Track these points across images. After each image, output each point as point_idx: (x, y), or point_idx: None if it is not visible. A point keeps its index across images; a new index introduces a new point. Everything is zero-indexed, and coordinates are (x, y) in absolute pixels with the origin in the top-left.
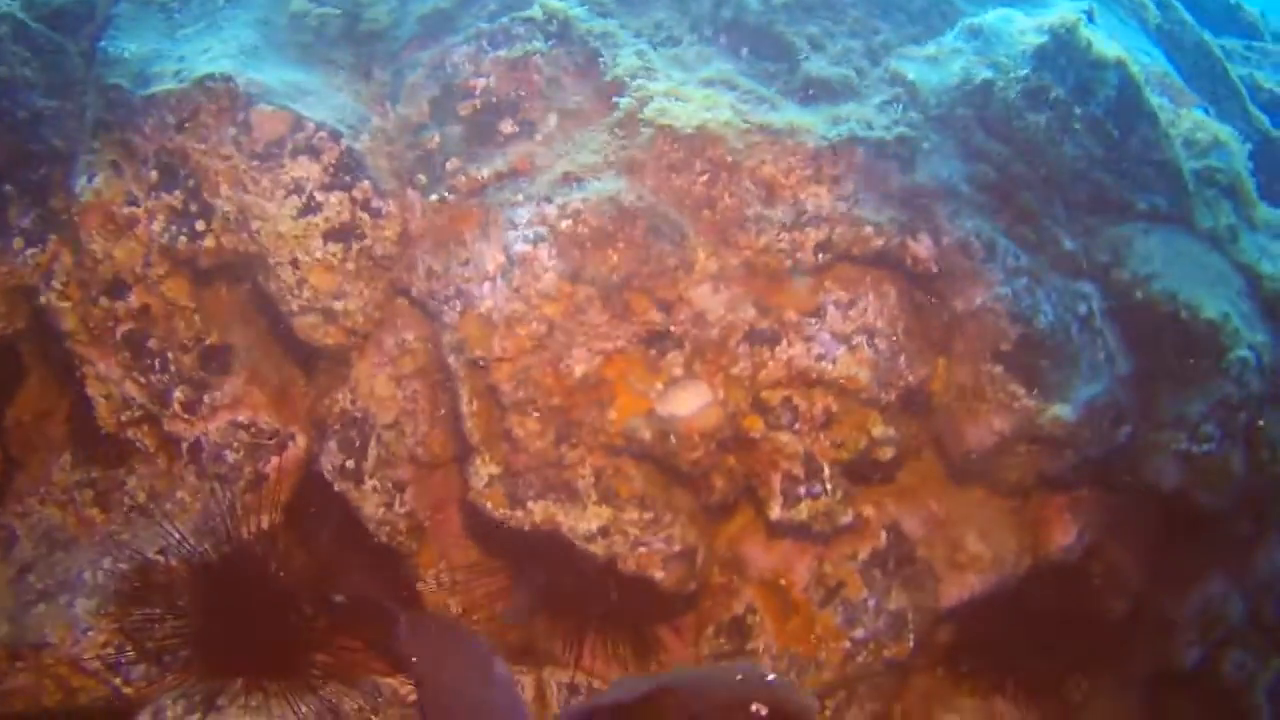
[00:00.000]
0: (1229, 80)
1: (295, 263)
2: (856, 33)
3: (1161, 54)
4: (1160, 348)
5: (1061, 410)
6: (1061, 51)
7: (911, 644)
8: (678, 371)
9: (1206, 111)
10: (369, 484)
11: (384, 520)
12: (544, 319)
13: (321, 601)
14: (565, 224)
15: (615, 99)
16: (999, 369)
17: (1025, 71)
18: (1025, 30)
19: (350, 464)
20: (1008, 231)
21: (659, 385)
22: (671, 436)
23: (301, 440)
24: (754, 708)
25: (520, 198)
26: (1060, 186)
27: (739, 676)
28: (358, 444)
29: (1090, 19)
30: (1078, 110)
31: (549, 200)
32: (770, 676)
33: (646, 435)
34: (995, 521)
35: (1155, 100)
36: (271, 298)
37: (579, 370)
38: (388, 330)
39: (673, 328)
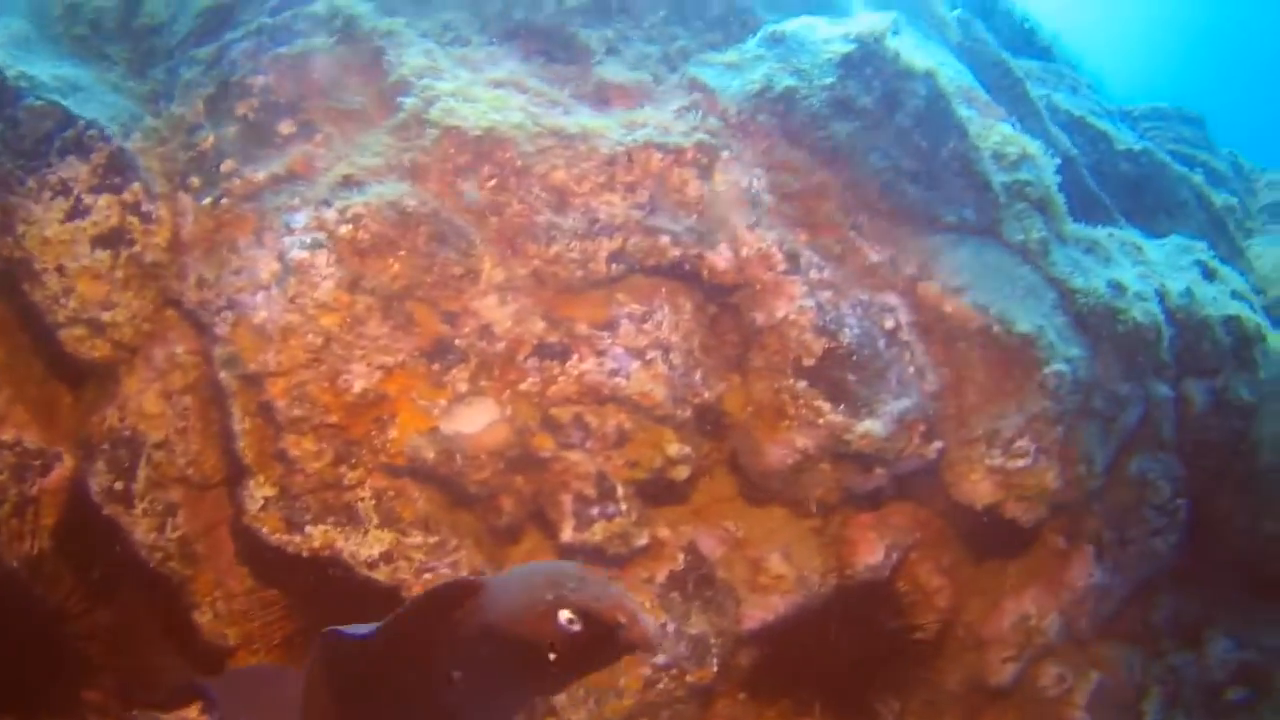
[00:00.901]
0: (1029, 100)
1: (61, 270)
2: (653, 38)
3: (967, 69)
4: (971, 361)
5: (872, 426)
6: (868, 60)
7: (714, 668)
8: (463, 387)
9: (1014, 126)
10: (139, 507)
11: (155, 545)
12: (321, 331)
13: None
14: (344, 229)
15: (400, 99)
16: (802, 384)
17: (830, 80)
18: (830, 39)
19: (119, 485)
20: (811, 243)
21: (443, 401)
22: (457, 456)
23: (69, 461)
24: (562, 616)
25: (297, 201)
26: (866, 197)
27: (545, 578)
28: (127, 464)
29: (896, 30)
30: (885, 120)
31: (327, 204)
32: (583, 577)
33: (430, 455)
34: (798, 541)
35: (964, 112)
36: (37, 308)
37: (358, 385)
38: (158, 343)
39: (458, 341)
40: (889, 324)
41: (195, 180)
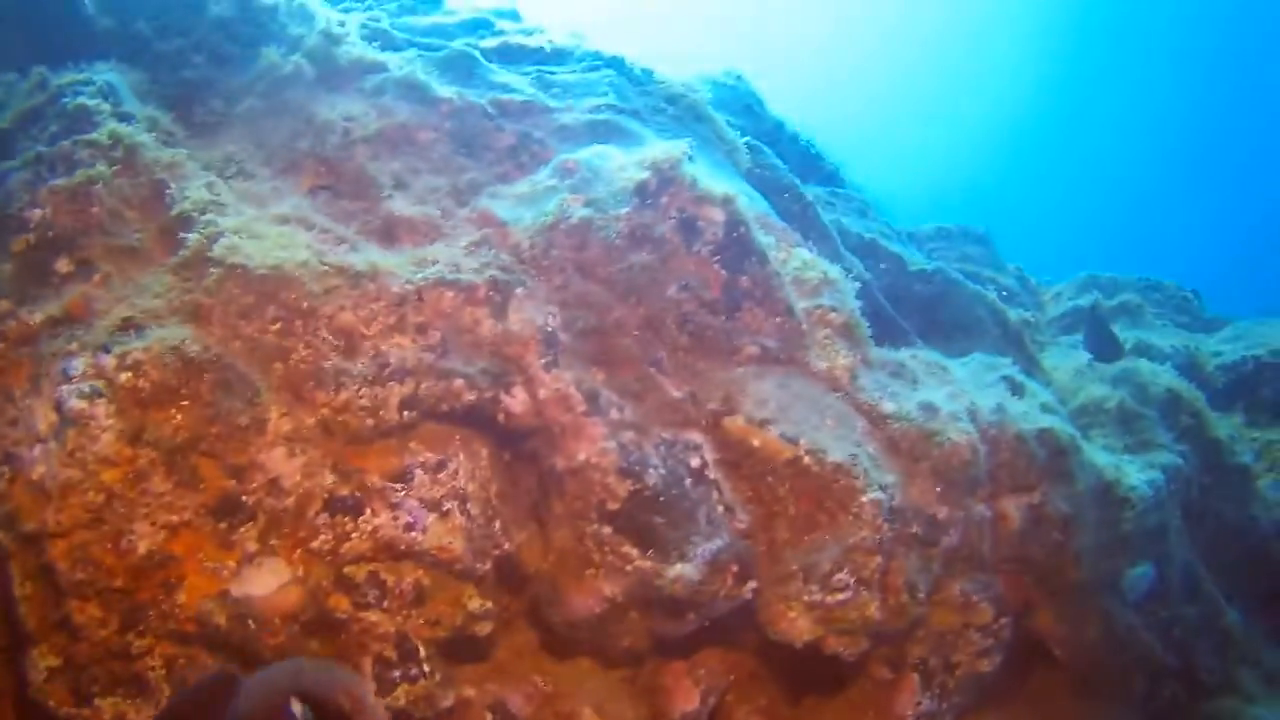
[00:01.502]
0: (822, 224)
1: None
2: (441, 170)
3: (759, 196)
4: (781, 495)
5: (684, 570)
6: (665, 187)
7: None
8: (252, 546)
9: (810, 251)
10: None
11: None
12: (102, 487)
13: None
14: (124, 377)
15: (182, 235)
16: (608, 530)
17: (626, 209)
18: (625, 166)
19: None
20: (610, 381)
21: (232, 563)
22: (249, 620)
23: None
24: (294, 706)
25: (75, 346)
26: (665, 330)
27: (287, 672)
28: None
29: (691, 157)
30: (683, 249)
31: (106, 350)
32: (326, 669)
33: (221, 620)
34: (610, 692)
35: (763, 239)
36: None
37: (143, 546)
38: None
39: (245, 497)
40: (695, 462)
41: None
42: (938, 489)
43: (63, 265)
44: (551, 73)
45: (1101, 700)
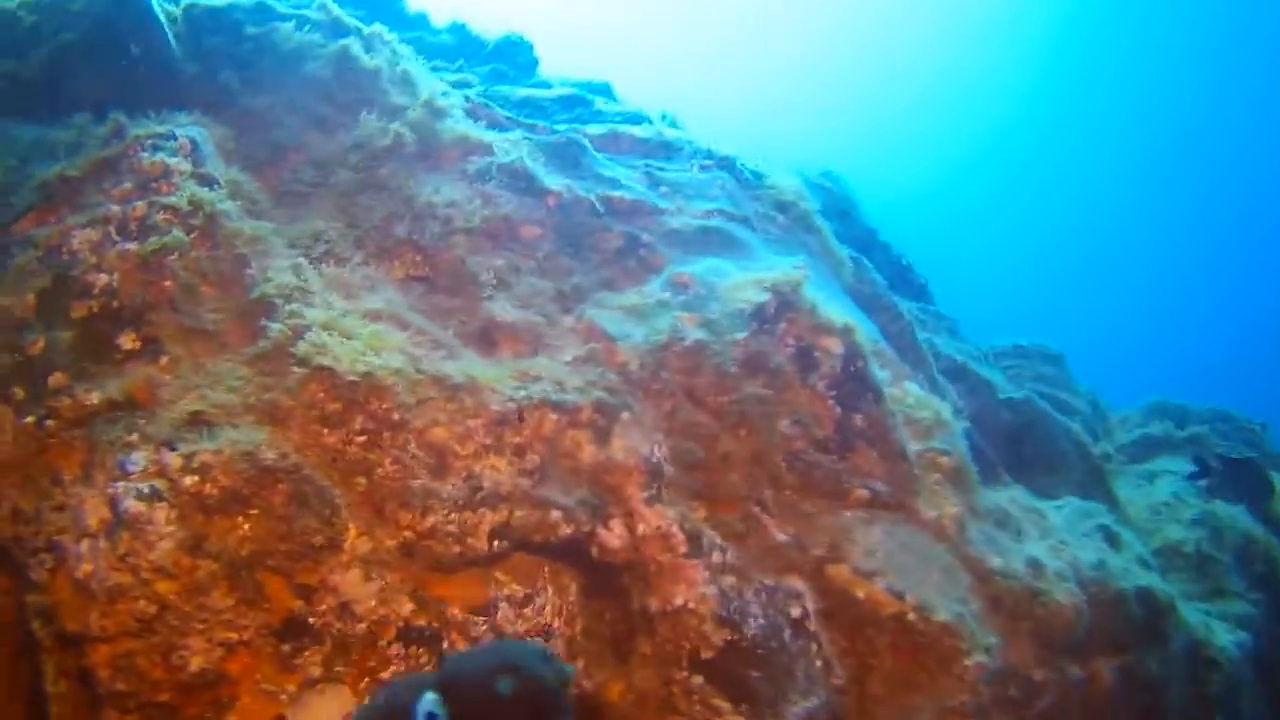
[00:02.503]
0: (918, 348)
1: None
2: (546, 271)
3: (864, 317)
4: (879, 650)
5: None
6: (783, 313)
7: None
8: (315, 672)
9: (920, 385)
10: None
11: None
12: (155, 598)
13: None
14: (189, 480)
15: (264, 323)
16: (698, 679)
17: (742, 335)
18: (742, 286)
19: None
20: (712, 519)
21: (292, 688)
22: None
23: None
24: (499, 684)
25: (135, 438)
26: (773, 468)
27: (489, 654)
28: None
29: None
30: (798, 381)
31: (171, 447)
32: (519, 647)
33: None
34: None
35: (880, 374)
36: None
37: (195, 663)
38: None
39: (312, 619)
40: (796, 612)
41: (18, 391)
42: (1037, 650)
43: (127, 341)
44: (660, 169)
45: None
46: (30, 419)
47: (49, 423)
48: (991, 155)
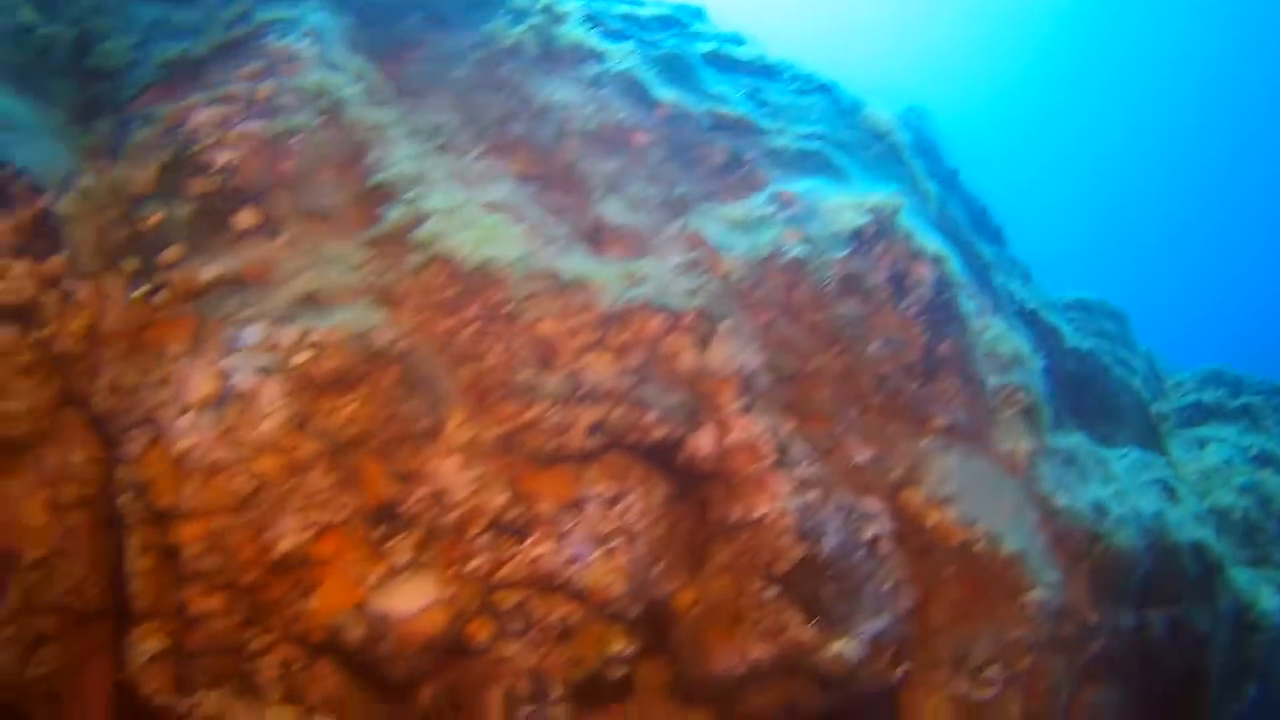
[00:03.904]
0: (994, 288)
1: None
2: (654, 178)
3: (952, 249)
4: (944, 578)
5: (844, 647)
6: (881, 237)
7: None
8: (403, 559)
9: (1004, 322)
10: (5, 633)
11: (15, 681)
12: (254, 474)
13: None
14: (301, 357)
15: (382, 209)
16: (772, 591)
17: (842, 254)
18: (842, 207)
19: None
20: (799, 432)
21: (378, 574)
22: (385, 640)
23: None
24: None
25: (249, 313)
26: (861, 388)
27: None
28: None
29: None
30: (890, 305)
31: (285, 324)
32: None
33: (355, 634)
34: None
35: (967, 306)
36: None
37: (285, 544)
38: (52, 445)
39: (406, 505)
40: (870, 533)
41: (131, 262)
42: (1094, 593)
43: (244, 219)
44: (762, 90)
45: None
46: (142, 290)
47: (159, 295)
48: (1037, 75)
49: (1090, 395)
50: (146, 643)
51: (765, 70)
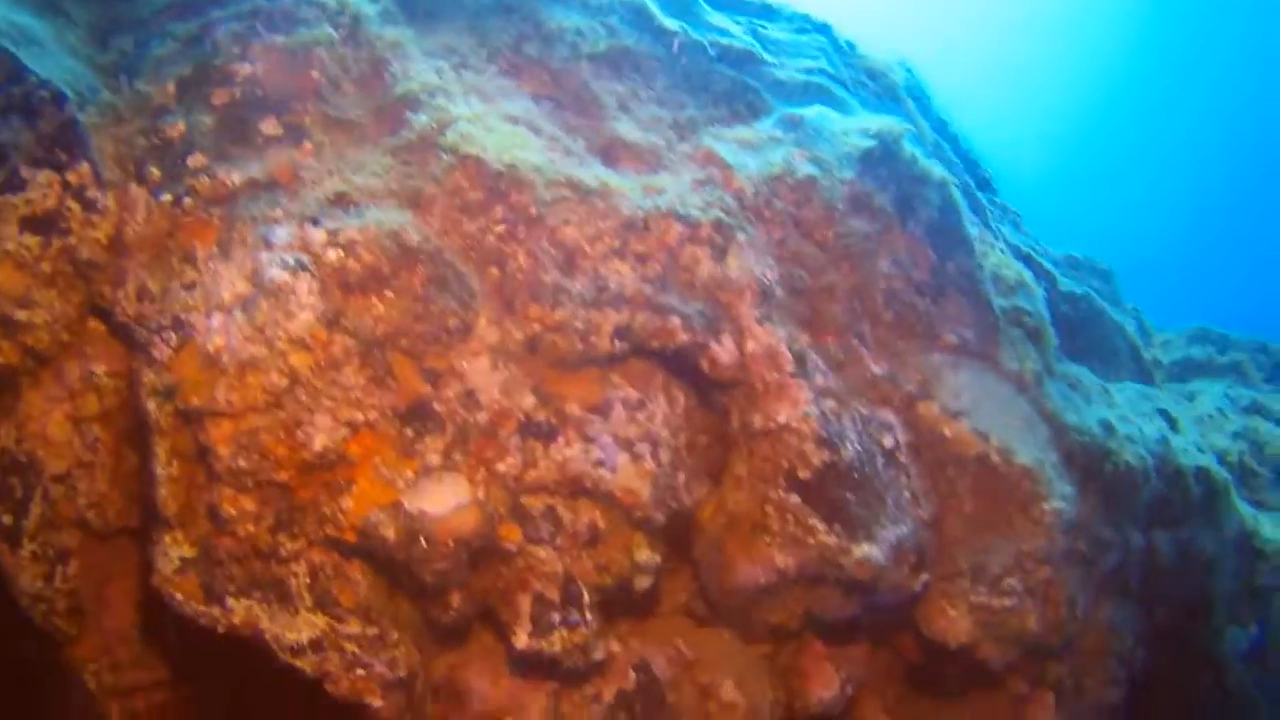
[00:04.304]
0: (993, 228)
1: None
2: (663, 101)
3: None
4: (959, 490)
5: (871, 551)
6: (887, 159)
7: None
8: (435, 459)
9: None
10: (28, 548)
11: (41, 596)
12: (288, 371)
13: None
14: (334, 254)
15: (408, 115)
16: (795, 498)
17: (851, 174)
18: (849, 131)
19: (8, 520)
20: (814, 344)
21: (410, 473)
22: (420, 539)
23: None
24: None
25: (279, 213)
26: (872, 304)
27: None
28: (19, 495)
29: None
30: (898, 225)
31: (316, 222)
32: None
33: (389, 533)
34: (750, 667)
35: (971, 229)
36: None
37: (319, 442)
38: (75, 357)
39: (437, 405)
40: (888, 442)
41: (154, 171)
42: (1105, 510)
43: (269, 127)
44: (763, 27)
45: None
46: (167, 197)
47: (186, 200)
48: None
49: (1084, 337)
50: (175, 550)
51: (765, 9)
